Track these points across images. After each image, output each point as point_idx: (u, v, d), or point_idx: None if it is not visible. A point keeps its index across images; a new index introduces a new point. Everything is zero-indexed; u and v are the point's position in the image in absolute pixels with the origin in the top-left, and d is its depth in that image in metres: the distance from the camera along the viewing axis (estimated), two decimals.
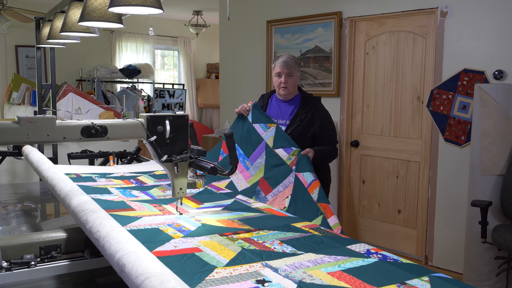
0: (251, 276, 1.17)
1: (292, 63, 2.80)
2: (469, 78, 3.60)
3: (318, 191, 2.37)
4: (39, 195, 3.00)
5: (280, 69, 2.79)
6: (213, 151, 2.76)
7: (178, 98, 8.19)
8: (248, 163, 2.61)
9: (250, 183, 2.50)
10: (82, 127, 1.50)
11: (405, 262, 1.33)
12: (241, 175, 2.55)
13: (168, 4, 6.50)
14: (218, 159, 2.69)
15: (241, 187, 2.46)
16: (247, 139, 2.69)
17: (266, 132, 2.65)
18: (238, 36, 5.42)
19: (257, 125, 2.70)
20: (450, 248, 3.79)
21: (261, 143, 2.63)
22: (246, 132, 2.72)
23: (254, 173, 2.54)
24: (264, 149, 2.61)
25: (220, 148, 2.74)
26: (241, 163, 2.61)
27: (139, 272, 1.04)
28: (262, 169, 2.54)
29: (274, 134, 2.63)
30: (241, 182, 2.50)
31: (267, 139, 2.63)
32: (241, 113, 2.77)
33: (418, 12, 3.89)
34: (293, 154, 2.53)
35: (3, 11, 6.05)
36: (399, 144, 4.13)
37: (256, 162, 2.59)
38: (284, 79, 2.79)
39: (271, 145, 2.60)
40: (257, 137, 2.67)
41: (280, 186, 2.44)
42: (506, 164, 3.16)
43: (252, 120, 2.73)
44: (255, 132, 2.69)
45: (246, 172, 2.57)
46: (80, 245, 1.65)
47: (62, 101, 5.49)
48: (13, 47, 7.30)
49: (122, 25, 2.15)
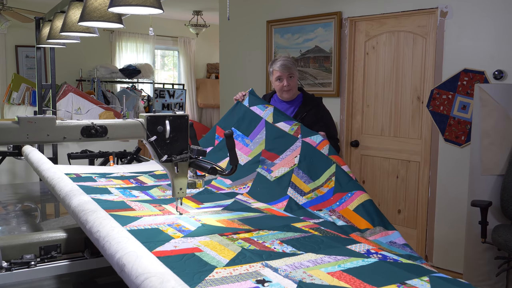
0: (251, 276, 1.17)
1: (291, 64, 2.80)
2: (469, 78, 3.60)
3: (328, 147, 2.29)
4: (39, 195, 3.00)
5: (280, 73, 2.80)
6: (208, 137, 2.73)
7: (178, 98, 8.19)
8: (248, 140, 2.55)
9: (251, 156, 2.45)
10: (82, 127, 1.50)
11: (405, 262, 1.33)
12: (240, 151, 2.49)
13: (168, 4, 6.50)
14: (214, 143, 2.68)
15: (242, 161, 2.42)
16: (244, 121, 2.66)
17: (265, 111, 2.62)
18: (238, 36, 5.42)
19: (254, 107, 2.68)
20: (450, 248, 3.79)
21: (261, 121, 2.58)
22: (243, 115, 2.69)
23: (255, 147, 2.49)
24: (264, 126, 2.56)
25: (214, 133, 2.73)
26: (239, 142, 2.55)
27: (139, 272, 1.04)
28: (263, 143, 2.48)
29: (272, 112, 2.59)
30: (241, 157, 2.45)
31: (266, 116, 2.59)
32: (238, 100, 2.78)
33: (418, 12, 3.89)
34: (295, 125, 2.47)
35: (3, 11, 6.05)
36: (399, 144, 4.13)
37: (256, 138, 2.53)
38: (287, 82, 2.80)
39: (271, 121, 2.55)
40: (255, 117, 2.63)
41: (288, 151, 2.35)
42: (506, 164, 3.16)
43: (249, 104, 2.72)
44: (253, 113, 2.65)
45: (246, 148, 2.51)
46: (80, 245, 1.65)
47: (62, 101, 5.49)
48: (13, 47, 7.30)
49: (122, 25, 2.15)
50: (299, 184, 2.16)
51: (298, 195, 2.10)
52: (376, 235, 1.79)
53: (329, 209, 1.97)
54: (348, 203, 1.96)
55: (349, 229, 1.78)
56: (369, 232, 1.80)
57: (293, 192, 2.11)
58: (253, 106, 2.69)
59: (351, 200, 1.97)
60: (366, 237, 1.76)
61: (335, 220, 1.87)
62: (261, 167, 2.33)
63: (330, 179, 2.13)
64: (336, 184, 2.09)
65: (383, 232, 1.80)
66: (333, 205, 1.99)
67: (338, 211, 1.94)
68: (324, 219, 1.87)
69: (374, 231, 1.81)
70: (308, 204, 2.04)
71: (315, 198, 2.07)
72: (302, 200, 2.07)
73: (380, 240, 1.75)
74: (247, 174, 2.32)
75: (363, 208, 1.91)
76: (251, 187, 2.22)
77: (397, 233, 1.80)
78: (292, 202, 2.04)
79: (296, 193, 2.11)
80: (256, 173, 2.31)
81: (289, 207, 2.00)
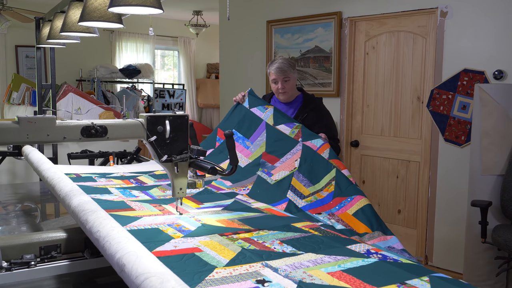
0: (251, 276, 1.17)
1: (286, 67, 2.78)
2: (469, 78, 3.60)
3: (329, 150, 2.29)
4: (39, 195, 3.00)
5: (275, 75, 2.80)
6: (209, 139, 2.73)
7: (178, 98, 8.19)
8: (248, 143, 2.55)
9: (252, 158, 2.45)
10: (82, 127, 1.50)
11: (405, 262, 1.33)
12: (241, 154, 2.48)
13: (168, 4, 6.50)
14: (215, 145, 2.68)
15: (242, 163, 2.41)
16: (245, 123, 2.65)
17: (265, 113, 2.61)
18: (238, 36, 5.42)
19: (254, 109, 2.67)
20: (450, 248, 3.79)
21: (261, 123, 2.57)
22: (243, 117, 2.68)
23: (255, 150, 2.48)
24: (264, 128, 2.55)
25: (216, 135, 2.72)
26: (240, 144, 2.54)
27: (139, 272, 1.04)
28: (263, 145, 2.47)
29: (273, 113, 2.58)
30: (242, 159, 2.45)
31: (267, 118, 2.58)
32: (238, 102, 2.77)
33: (418, 12, 3.89)
34: (296, 128, 2.46)
35: (3, 11, 6.06)
36: (399, 144, 4.13)
37: (256, 140, 2.52)
38: (281, 85, 2.79)
39: (271, 124, 2.54)
40: (256, 119, 2.62)
41: (288, 154, 2.35)
42: (506, 164, 3.16)
43: (249, 105, 2.71)
44: (253, 115, 2.65)
45: (246, 150, 2.51)
46: (80, 245, 1.65)
47: (62, 101, 5.49)
48: (13, 47, 7.31)
49: (122, 25, 2.15)
50: (299, 188, 2.16)
51: (298, 198, 2.11)
52: (374, 239, 1.79)
53: (328, 213, 1.97)
54: (348, 207, 1.97)
55: (347, 233, 1.78)
56: (367, 236, 1.81)
57: (292, 195, 2.12)
58: (253, 108, 2.69)
59: (351, 204, 1.97)
60: (365, 241, 1.76)
61: (334, 224, 1.89)
62: (261, 170, 2.33)
63: (330, 183, 2.13)
64: (336, 188, 2.09)
65: (381, 237, 1.81)
66: (332, 209, 2.00)
67: (337, 215, 1.95)
68: (323, 223, 1.88)
69: (373, 235, 1.82)
70: (307, 207, 2.04)
71: (315, 201, 2.08)
72: (301, 203, 2.07)
73: (378, 244, 1.75)
74: (247, 177, 2.32)
75: (362, 213, 1.92)
76: (251, 189, 2.23)
77: (395, 238, 1.81)
78: (291, 205, 2.05)
79: (296, 196, 2.12)
80: (257, 176, 2.31)
81: (288, 210, 2.00)
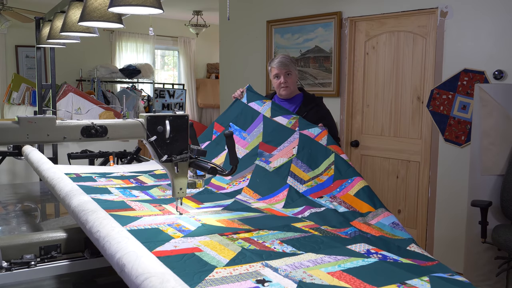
0: (251, 276, 1.17)
1: (288, 62, 2.81)
2: (469, 78, 3.60)
3: (327, 137, 2.29)
4: (39, 195, 3.00)
5: (277, 70, 2.81)
6: (206, 133, 2.73)
7: (178, 98, 8.19)
8: (245, 134, 2.56)
9: (249, 148, 2.45)
10: (82, 127, 1.50)
11: (405, 262, 1.33)
12: (237, 144, 2.47)
13: (168, 4, 6.50)
14: (212, 137, 2.68)
15: (240, 154, 2.42)
16: (242, 117, 2.67)
17: (263, 106, 2.63)
18: (238, 36, 5.42)
19: (252, 103, 2.69)
20: (450, 248, 3.79)
21: (259, 116, 2.59)
22: (241, 111, 2.70)
23: (252, 140, 2.48)
24: (261, 120, 2.56)
25: (212, 128, 2.73)
26: (236, 136, 2.54)
27: (139, 272, 1.04)
28: (260, 136, 2.48)
29: (270, 107, 2.60)
30: (239, 150, 2.44)
31: (264, 111, 2.59)
32: (236, 98, 2.79)
33: (418, 12, 3.89)
34: (293, 119, 2.47)
35: (3, 11, 6.06)
36: (399, 144, 4.13)
37: (253, 131, 2.53)
38: (284, 79, 2.80)
39: (269, 116, 2.55)
40: (253, 112, 2.63)
41: (285, 143, 2.35)
42: (506, 164, 3.16)
43: (247, 100, 2.72)
44: (251, 109, 2.66)
45: (243, 141, 2.51)
46: (80, 245, 1.65)
47: (62, 101, 5.49)
48: (13, 47, 7.31)
49: (122, 25, 2.15)
50: (299, 173, 2.17)
51: (298, 183, 2.11)
52: (378, 216, 1.79)
53: (330, 196, 1.98)
54: (349, 188, 1.98)
55: (350, 216, 1.79)
56: (371, 215, 1.81)
57: (293, 181, 2.12)
58: (251, 102, 2.70)
59: (351, 186, 1.98)
60: (369, 221, 1.77)
61: (337, 207, 1.88)
62: (259, 159, 2.33)
63: (329, 168, 2.13)
64: (335, 171, 2.10)
65: (385, 213, 1.81)
66: (333, 191, 2.00)
67: (339, 197, 1.96)
68: (326, 207, 1.88)
69: (377, 213, 1.82)
70: (308, 192, 2.04)
71: (315, 185, 2.08)
72: (302, 188, 2.07)
73: (382, 222, 1.75)
74: (245, 167, 2.32)
75: (364, 193, 1.93)
76: (251, 179, 2.22)
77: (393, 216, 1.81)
78: (292, 191, 2.05)
79: (296, 182, 2.12)
80: (255, 165, 2.31)
81: (289, 196, 2.00)
